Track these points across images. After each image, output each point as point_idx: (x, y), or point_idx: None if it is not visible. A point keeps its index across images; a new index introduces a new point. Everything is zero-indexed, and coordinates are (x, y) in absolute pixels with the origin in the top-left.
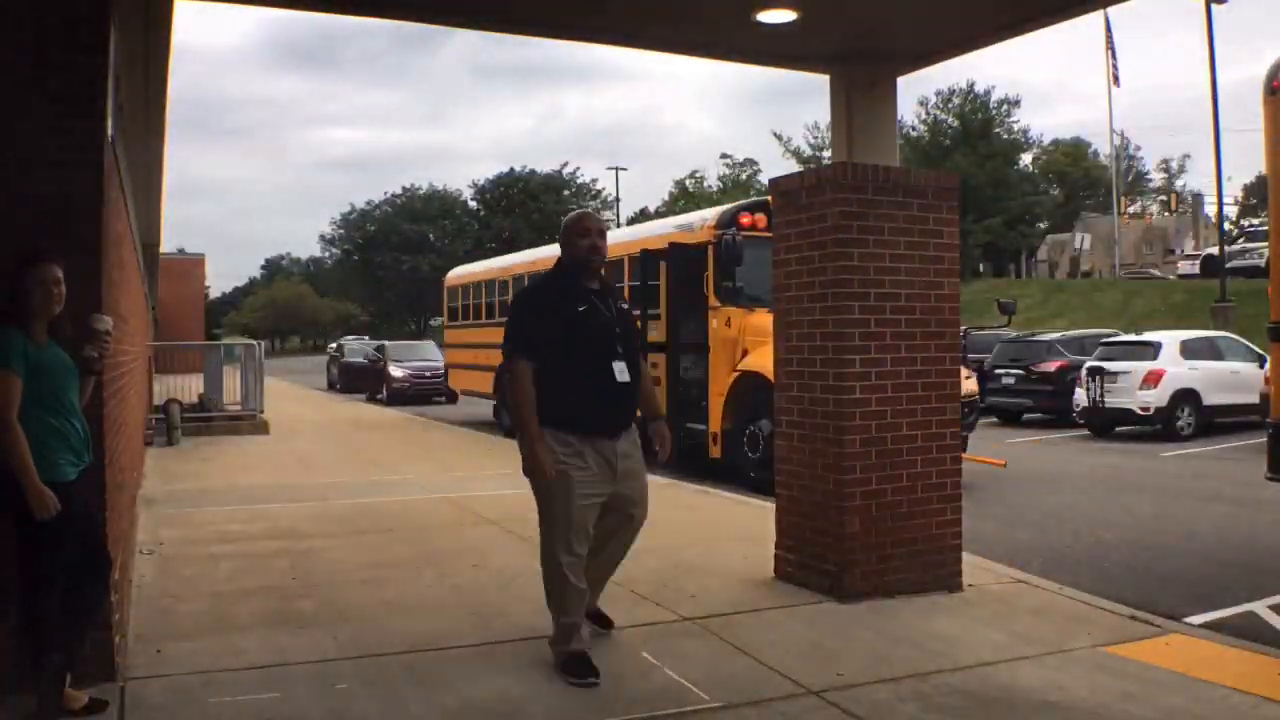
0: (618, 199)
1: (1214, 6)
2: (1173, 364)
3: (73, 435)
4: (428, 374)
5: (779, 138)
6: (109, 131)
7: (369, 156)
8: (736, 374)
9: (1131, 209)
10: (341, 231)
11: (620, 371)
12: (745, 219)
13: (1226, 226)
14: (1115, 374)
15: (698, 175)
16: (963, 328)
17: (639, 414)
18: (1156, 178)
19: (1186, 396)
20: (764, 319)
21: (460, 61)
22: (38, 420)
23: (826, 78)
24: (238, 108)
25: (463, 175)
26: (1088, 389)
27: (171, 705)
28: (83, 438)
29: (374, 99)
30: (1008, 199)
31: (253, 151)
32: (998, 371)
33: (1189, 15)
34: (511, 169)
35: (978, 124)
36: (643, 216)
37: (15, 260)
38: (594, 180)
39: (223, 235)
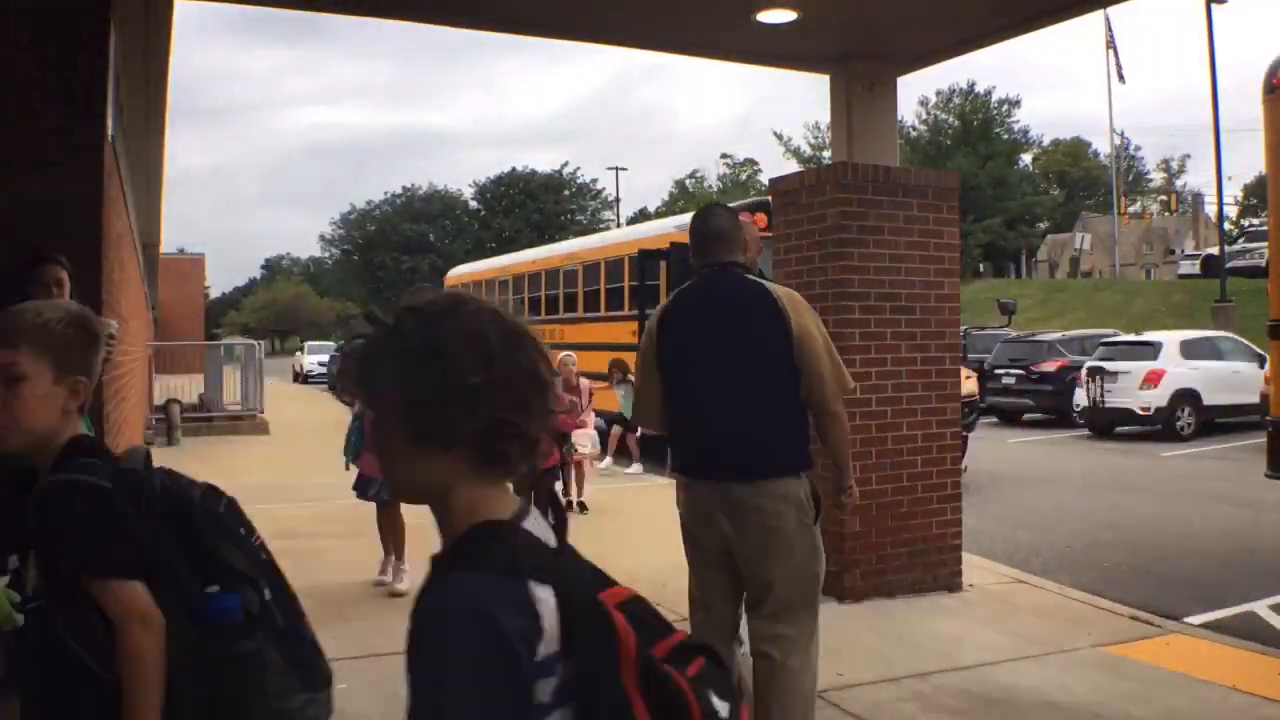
0: (618, 199)
1: (1214, 6)
2: (1173, 364)
3: None
4: None
5: (779, 138)
6: (109, 131)
7: (359, 142)
8: None
9: (1131, 209)
10: (341, 231)
11: None
12: (745, 219)
13: (1226, 226)
14: (1115, 374)
15: (698, 175)
16: (962, 328)
17: None
18: (1157, 178)
19: (1187, 396)
20: None
21: (452, 32)
22: None
23: (826, 78)
24: (208, 85)
25: (459, 162)
26: (1088, 389)
27: None
28: None
29: (360, 73)
30: (1008, 199)
31: (231, 136)
32: (998, 371)
33: (1189, 15)
34: (513, 168)
35: (978, 124)
36: (643, 216)
37: (17, 261)
38: (594, 180)
39: (223, 235)
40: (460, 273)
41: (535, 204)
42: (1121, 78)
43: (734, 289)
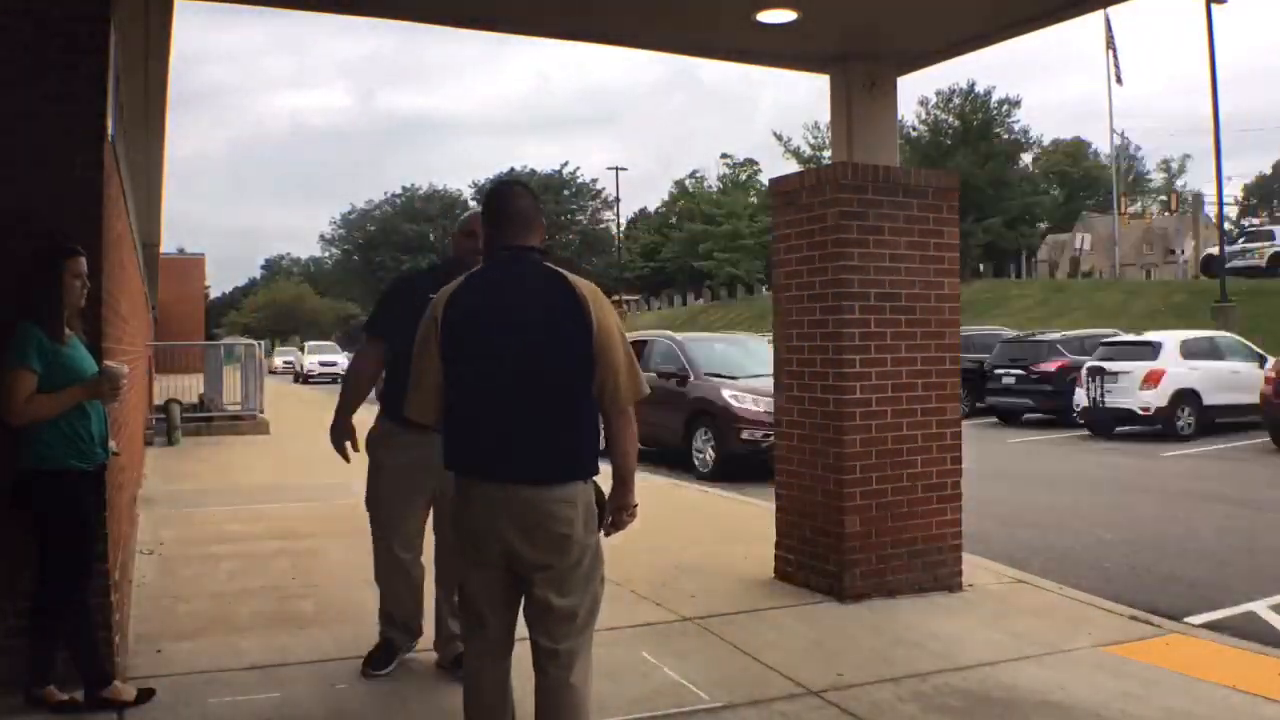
0: (617, 199)
1: (1214, 6)
2: (1173, 364)
3: (85, 433)
4: None
5: (779, 138)
6: (109, 131)
7: (353, 128)
8: None
9: (1131, 209)
10: (342, 231)
11: None
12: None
13: (1226, 226)
14: (1115, 374)
15: (698, 175)
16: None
17: None
18: (1157, 178)
19: (1187, 396)
20: None
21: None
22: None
23: (826, 78)
24: (189, 65)
25: (457, 152)
26: (1088, 389)
27: (172, 705)
28: (95, 436)
29: (349, 49)
30: (1008, 199)
31: (215, 122)
32: (998, 371)
33: (1190, 14)
34: (511, 168)
35: (978, 124)
36: (642, 216)
37: (46, 252)
38: (594, 180)
39: (223, 235)
40: None
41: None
42: (1119, 80)
43: (530, 277)
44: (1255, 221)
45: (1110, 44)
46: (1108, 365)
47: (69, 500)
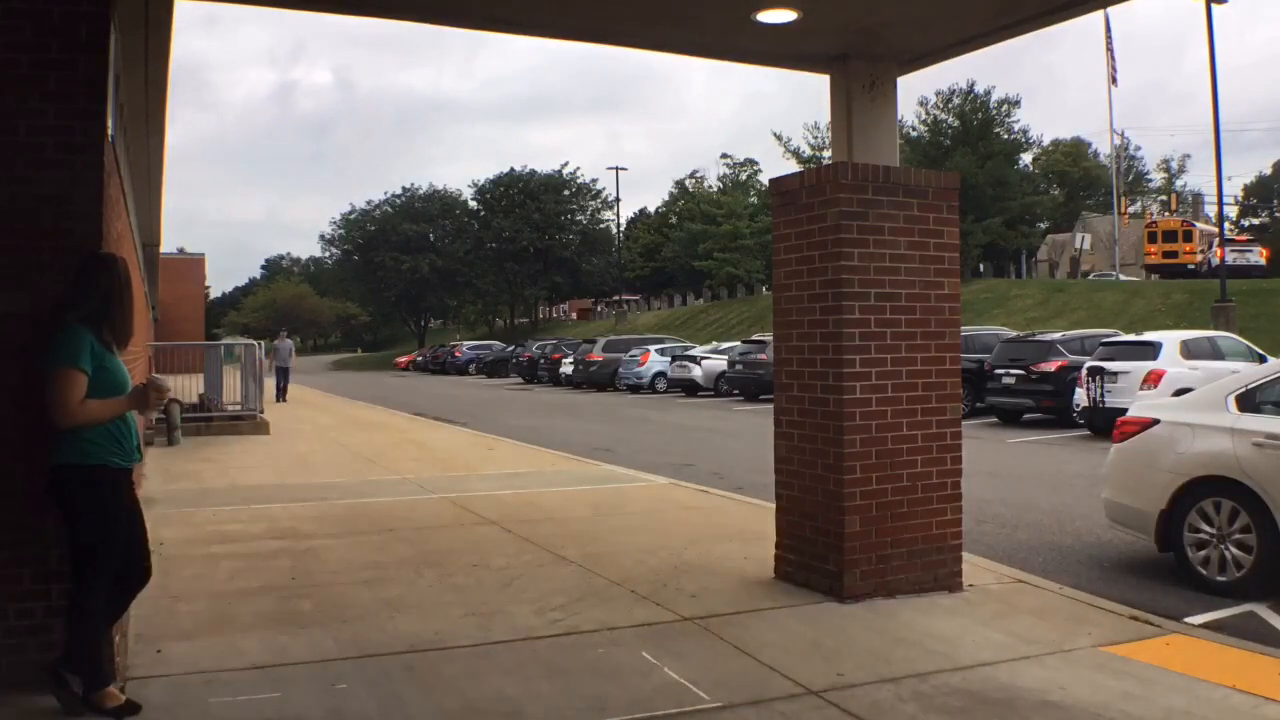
0: (618, 199)
1: (1214, 6)
2: (1173, 364)
3: (127, 434)
4: None
5: (779, 138)
6: (109, 131)
7: (344, 116)
8: None
9: (1131, 209)
10: (341, 231)
11: None
12: None
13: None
14: (1116, 374)
15: (698, 175)
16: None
17: None
18: (1157, 178)
19: None
20: None
21: None
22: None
23: (826, 78)
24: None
25: (456, 140)
26: (1088, 389)
27: (172, 705)
28: (134, 438)
29: (337, 19)
30: (1008, 199)
31: (201, 108)
32: (998, 371)
33: (1191, 14)
34: (511, 169)
35: (978, 124)
36: (642, 216)
37: (93, 259)
38: (594, 180)
39: (223, 234)
40: None
41: (535, 204)
42: (1115, 80)
43: None
44: (1255, 221)
45: (1108, 44)
46: (1108, 365)
47: (108, 496)
